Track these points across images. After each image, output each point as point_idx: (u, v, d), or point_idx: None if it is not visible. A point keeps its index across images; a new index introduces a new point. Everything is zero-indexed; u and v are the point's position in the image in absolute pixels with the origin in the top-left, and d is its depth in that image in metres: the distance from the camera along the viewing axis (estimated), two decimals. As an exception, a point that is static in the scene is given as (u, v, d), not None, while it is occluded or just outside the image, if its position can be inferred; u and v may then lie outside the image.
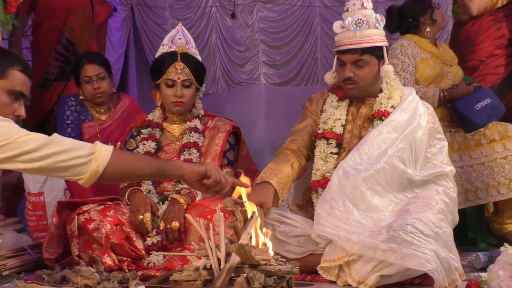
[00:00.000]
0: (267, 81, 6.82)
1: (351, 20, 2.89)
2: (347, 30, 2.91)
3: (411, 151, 2.80)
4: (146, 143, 3.20)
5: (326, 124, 3.00)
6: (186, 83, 3.16)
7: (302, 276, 2.75)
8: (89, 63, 3.78)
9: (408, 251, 2.42)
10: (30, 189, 3.45)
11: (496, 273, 2.36)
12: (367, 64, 2.91)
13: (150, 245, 2.93)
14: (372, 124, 2.92)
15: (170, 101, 3.17)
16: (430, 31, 3.67)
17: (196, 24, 6.77)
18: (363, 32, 2.88)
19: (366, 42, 2.89)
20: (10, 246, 3.21)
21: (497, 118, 3.56)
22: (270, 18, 6.80)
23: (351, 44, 2.89)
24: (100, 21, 4.53)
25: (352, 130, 3.01)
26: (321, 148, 2.97)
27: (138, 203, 2.99)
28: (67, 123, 3.78)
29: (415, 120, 2.85)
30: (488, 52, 3.85)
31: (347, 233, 2.58)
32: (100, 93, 3.76)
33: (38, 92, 4.37)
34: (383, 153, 2.76)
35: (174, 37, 3.26)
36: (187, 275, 2.03)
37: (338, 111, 3.01)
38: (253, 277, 1.91)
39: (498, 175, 3.43)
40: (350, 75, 2.91)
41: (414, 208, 2.62)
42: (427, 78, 3.57)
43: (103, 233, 2.92)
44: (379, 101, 2.94)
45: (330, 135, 2.97)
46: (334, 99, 3.04)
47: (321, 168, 2.94)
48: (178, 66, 3.14)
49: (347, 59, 2.91)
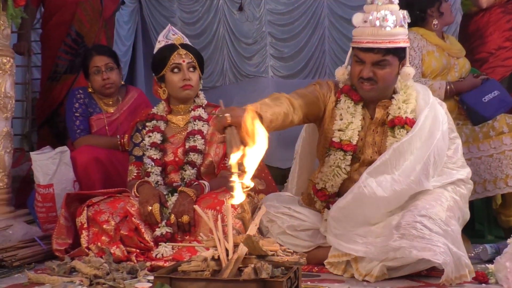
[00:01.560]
0: (274, 74, 6.82)
1: (377, 15, 2.62)
2: (370, 26, 2.63)
3: (434, 162, 2.65)
4: (151, 135, 3.23)
5: (344, 133, 2.76)
6: (191, 65, 3.20)
7: (309, 267, 2.76)
8: (98, 54, 3.80)
9: (421, 245, 2.39)
10: (39, 181, 3.47)
11: (503, 264, 2.37)
12: (389, 65, 2.67)
13: (159, 236, 2.95)
14: (393, 132, 2.73)
15: (178, 86, 3.19)
16: (437, 23, 3.66)
17: (204, 17, 6.78)
18: (389, 30, 2.62)
19: (391, 42, 2.63)
20: (21, 237, 3.25)
21: (505, 110, 3.56)
22: (277, 11, 6.79)
23: (375, 42, 2.63)
24: (108, 14, 4.55)
25: (366, 137, 2.79)
26: (336, 160, 2.77)
27: (147, 194, 3.01)
28: (75, 116, 3.79)
29: (438, 129, 2.66)
30: (497, 44, 3.83)
31: (364, 246, 2.56)
32: (109, 83, 3.78)
33: (48, 85, 4.40)
34: (411, 170, 2.59)
35: (167, 34, 3.32)
36: (195, 266, 2.03)
37: (355, 119, 2.76)
38: (261, 267, 1.92)
39: (507, 168, 3.43)
40: (370, 75, 2.67)
41: (423, 204, 2.55)
42: (433, 71, 3.56)
43: (113, 225, 2.95)
44: (396, 105, 2.74)
45: (348, 148, 2.75)
46: (350, 104, 2.78)
47: (328, 181, 2.80)
48: (181, 52, 3.20)
49: (368, 58, 2.66)
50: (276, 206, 2.92)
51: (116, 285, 2.47)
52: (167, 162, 3.22)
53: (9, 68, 3.49)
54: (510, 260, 2.35)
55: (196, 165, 3.17)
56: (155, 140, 3.21)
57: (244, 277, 1.92)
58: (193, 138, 3.19)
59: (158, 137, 3.22)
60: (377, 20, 2.62)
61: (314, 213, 2.92)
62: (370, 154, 2.79)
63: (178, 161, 3.21)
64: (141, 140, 3.27)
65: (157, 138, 3.22)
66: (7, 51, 3.51)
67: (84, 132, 3.76)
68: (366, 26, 2.67)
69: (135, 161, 3.25)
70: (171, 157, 3.22)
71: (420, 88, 2.84)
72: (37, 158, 3.48)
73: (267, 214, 2.86)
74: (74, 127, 3.77)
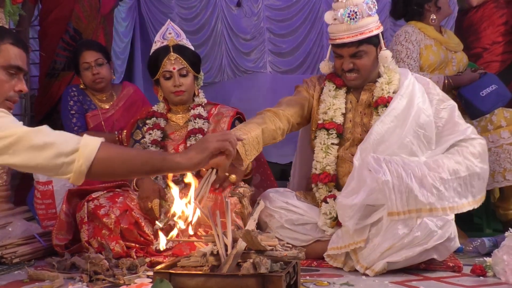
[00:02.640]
0: (273, 69, 6.83)
1: (344, 12, 2.79)
2: (340, 23, 2.81)
3: (419, 139, 2.72)
4: (152, 132, 3.26)
5: (326, 114, 2.92)
6: (182, 72, 3.20)
7: (308, 262, 2.77)
8: (87, 49, 3.81)
9: (379, 163, 2.52)
10: (39, 178, 3.48)
11: (501, 257, 2.38)
12: (365, 54, 2.85)
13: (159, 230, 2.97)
14: (377, 111, 2.85)
15: (170, 91, 3.23)
16: (435, 18, 3.66)
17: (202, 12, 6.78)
18: (358, 23, 2.78)
19: (362, 34, 2.80)
20: (20, 234, 3.24)
21: (503, 104, 3.56)
22: (275, 6, 6.79)
23: (348, 37, 2.80)
24: (106, 10, 4.54)
25: (354, 118, 2.94)
26: (322, 139, 2.92)
27: (146, 189, 3.04)
28: (71, 113, 3.79)
29: (413, 106, 2.75)
30: (491, 40, 3.85)
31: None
32: (99, 78, 3.78)
33: (46, 82, 4.39)
34: (391, 153, 2.67)
35: (164, 33, 3.31)
36: (194, 261, 2.04)
37: (337, 100, 2.93)
38: (260, 262, 1.93)
39: (505, 161, 3.44)
40: (350, 66, 2.85)
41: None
42: (431, 65, 3.56)
43: (113, 218, 2.97)
44: (380, 87, 2.88)
45: (330, 126, 2.90)
46: (332, 88, 2.96)
47: (322, 161, 2.90)
48: (172, 57, 3.20)
49: (345, 52, 2.84)
50: (274, 200, 2.94)
51: (115, 281, 2.47)
52: None
53: (7, 65, 3.48)
54: (508, 253, 2.36)
55: None
56: (155, 137, 3.24)
57: (243, 272, 1.93)
58: (194, 137, 3.20)
59: (158, 134, 3.25)
60: (344, 17, 2.79)
61: (311, 207, 2.95)
62: (360, 133, 2.91)
63: None
64: (142, 137, 3.29)
65: (157, 135, 3.25)
66: (5, 48, 3.50)
67: (82, 129, 3.76)
68: (336, 23, 2.84)
69: None
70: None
71: (402, 72, 2.94)
72: (36, 155, 3.47)
73: (266, 209, 2.88)
74: (71, 124, 3.77)
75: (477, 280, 2.44)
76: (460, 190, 2.62)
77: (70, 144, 1.83)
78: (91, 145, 1.83)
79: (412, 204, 2.50)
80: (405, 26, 3.70)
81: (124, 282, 2.43)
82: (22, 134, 1.81)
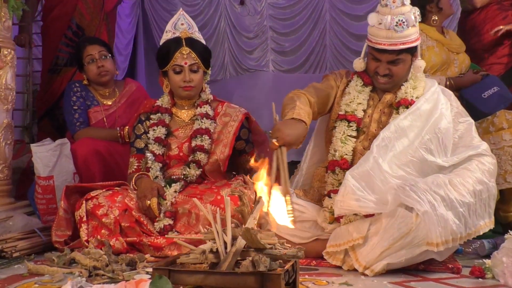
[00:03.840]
0: (275, 68, 6.82)
1: (392, 20, 2.79)
2: (385, 29, 2.81)
3: (438, 141, 2.75)
4: (156, 128, 3.22)
5: (348, 106, 2.97)
6: (193, 68, 3.16)
7: (307, 261, 2.78)
8: (90, 44, 3.82)
9: (409, 193, 2.48)
10: (40, 173, 3.48)
11: (500, 259, 2.38)
12: (402, 62, 2.88)
13: (159, 231, 2.96)
14: (398, 111, 2.89)
15: (179, 86, 3.17)
16: (436, 19, 3.67)
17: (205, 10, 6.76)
18: (403, 33, 2.80)
19: (404, 43, 2.82)
20: (20, 228, 3.26)
21: (504, 106, 3.56)
22: (279, 5, 6.78)
23: (390, 44, 2.81)
24: (109, 7, 4.54)
25: (372, 114, 2.98)
26: (341, 129, 2.95)
27: (144, 188, 3.02)
28: (74, 109, 3.79)
29: (437, 110, 2.81)
30: (494, 41, 3.84)
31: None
32: (104, 71, 3.78)
33: (49, 78, 4.39)
34: (409, 145, 2.72)
35: (176, 22, 3.24)
36: (193, 258, 2.05)
37: (361, 95, 2.97)
38: (259, 260, 1.93)
39: (506, 163, 3.44)
40: (386, 72, 2.89)
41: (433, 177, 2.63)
42: (433, 66, 3.57)
43: (112, 218, 2.96)
44: (404, 90, 2.92)
45: (351, 118, 2.94)
46: (359, 83, 3.00)
47: (340, 150, 2.93)
48: (184, 51, 3.14)
49: (384, 58, 2.87)
50: (274, 199, 2.94)
51: (115, 276, 2.47)
52: (171, 156, 3.21)
53: (10, 60, 3.50)
54: (507, 255, 2.36)
55: (202, 164, 3.16)
56: (159, 134, 3.20)
57: (242, 270, 1.93)
58: (200, 137, 3.16)
59: (163, 132, 3.21)
60: (391, 24, 2.79)
61: (312, 205, 2.96)
62: (375, 128, 2.95)
63: (183, 156, 3.21)
64: (143, 132, 3.26)
65: (161, 133, 3.20)
66: (8, 43, 3.52)
67: (84, 124, 3.76)
68: (381, 28, 2.83)
69: (136, 154, 3.24)
70: (175, 151, 3.22)
71: (429, 81, 3.00)
72: (38, 150, 3.49)
73: (265, 206, 2.89)
74: (73, 120, 3.77)
75: (476, 282, 2.44)
76: (480, 212, 2.63)
77: None
78: None
79: (448, 235, 2.49)
80: (408, 27, 3.70)
81: (123, 278, 2.44)
82: None
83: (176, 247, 2.89)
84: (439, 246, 2.46)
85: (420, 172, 2.69)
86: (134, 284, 1.80)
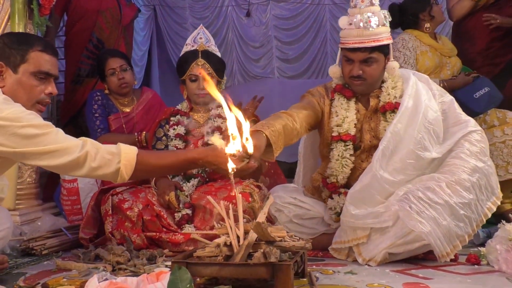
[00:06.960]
0: (280, 75, 6.82)
1: (360, 18, 2.70)
2: (355, 28, 2.71)
3: (430, 134, 2.65)
4: (176, 127, 3.29)
5: (341, 127, 2.81)
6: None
7: (314, 252, 2.79)
8: (112, 57, 3.85)
9: (410, 214, 2.42)
10: (65, 176, 3.51)
11: (494, 247, 2.38)
12: (375, 62, 2.74)
13: (179, 220, 3.02)
14: (385, 117, 2.78)
15: (194, 93, 3.27)
16: (429, 26, 3.69)
17: (213, 22, 6.78)
18: (372, 30, 2.70)
19: (375, 41, 2.70)
20: (49, 227, 3.29)
21: (495, 105, 3.56)
22: (282, 16, 6.79)
23: (361, 42, 2.70)
24: (127, 21, 4.56)
25: (362, 126, 2.84)
26: (339, 151, 2.81)
27: (163, 186, 3.10)
28: (95, 116, 3.83)
29: (421, 104, 2.67)
30: (485, 45, 3.84)
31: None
32: (124, 83, 3.82)
33: (72, 88, 4.42)
34: (406, 151, 2.61)
35: (195, 37, 3.34)
36: (209, 251, 2.06)
37: (349, 112, 2.82)
38: (270, 252, 1.94)
39: (497, 158, 3.43)
40: (359, 73, 2.74)
41: (432, 175, 2.57)
42: (427, 69, 3.57)
43: (136, 211, 3.02)
44: (386, 92, 2.80)
45: (346, 137, 2.79)
46: (343, 101, 2.84)
47: (338, 174, 2.82)
48: (200, 62, 3.23)
49: (356, 57, 2.74)
50: (282, 196, 2.95)
51: (136, 270, 2.49)
52: None
53: (35, 72, 3.51)
54: (500, 243, 2.37)
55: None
56: (180, 131, 3.28)
57: (254, 261, 1.94)
58: (211, 134, 3.20)
59: (182, 130, 3.29)
60: (361, 22, 2.70)
61: (318, 203, 2.96)
62: (369, 139, 2.83)
63: None
64: (163, 135, 3.32)
65: (181, 131, 3.28)
66: (33, 57, 3.53)
67: (104, 130, 3.79)
68: (351, 28, 2.74)
69: None
70: (192, 148, 3.26)
71: (404, 73, 2.87)
72: (62, 155, 3.50)
73: (275, 204, 2.90)
74: (94, 126, 3.80)
75: (472, 268, 2.44)
76: (483, 198, 2.58)
77: (113, 161, 2.04)
78: (130, 160, 2.05)
79: (454, 240, 2.48)
80: (402, 34, 3.72)
81: (144, 271, 2.45)
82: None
83: (193, 243, 2.91)
84: (449, 255, 2.46)
85: (418, 170, 2.63)
86: (155, 275, 1.81)
